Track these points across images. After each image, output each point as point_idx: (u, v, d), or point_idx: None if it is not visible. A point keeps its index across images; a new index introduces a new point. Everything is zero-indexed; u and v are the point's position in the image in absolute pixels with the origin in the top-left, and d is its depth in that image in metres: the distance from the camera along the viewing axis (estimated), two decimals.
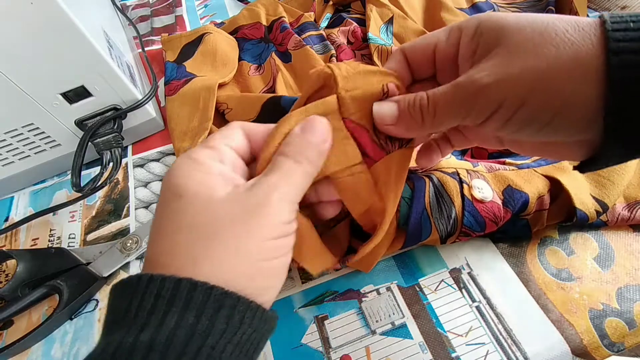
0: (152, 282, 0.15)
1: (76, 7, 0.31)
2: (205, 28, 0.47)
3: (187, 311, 0.15)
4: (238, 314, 0.16)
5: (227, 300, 0.16)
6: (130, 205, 0.37)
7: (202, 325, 0.15)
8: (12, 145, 0.35)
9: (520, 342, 0.25)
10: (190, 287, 0.15)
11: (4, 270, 0.34)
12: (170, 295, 0.15)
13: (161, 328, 0.14)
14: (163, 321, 0.15)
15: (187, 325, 0.15)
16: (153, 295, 0.15)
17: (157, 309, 0.15)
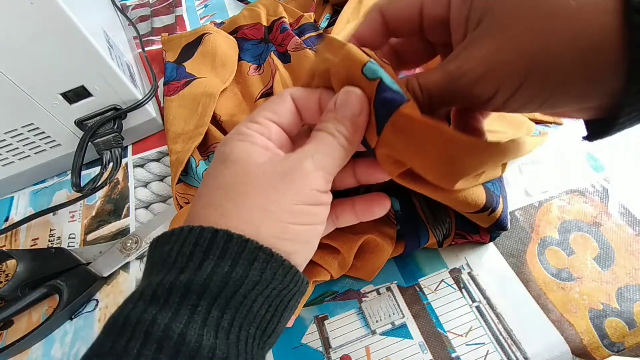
0: (192, 232, 0.16)
1: (76, 7, 0.31)
2: (205, 28, 0.47)
3: (222, 260, 0.16)
4: (270, 269, 0.17)
5: (261, 253, 0.16)
6: (130, 205, 0.37)
7: (236, 274, 0.16)
8: (12, 145, 0.35)
9: (520, 342, 0.25)
10: (227, 238, 0.16)
11: (4, 270, 0.34)
12: (208, 244, 0.16)
13: (199, 272, 0.15)
14: (200, 266, 0.16)
15: (222, 273, 0.16)
16: (192, 243, 0.16)
17: (195, 255, 0.16)
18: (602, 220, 0.30)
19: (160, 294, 0.15)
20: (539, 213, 0.31)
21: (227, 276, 0.16)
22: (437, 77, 0.17)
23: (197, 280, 0.15)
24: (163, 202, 0.37)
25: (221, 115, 0.39)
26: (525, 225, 0.31)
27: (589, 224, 0.30)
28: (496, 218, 0.26)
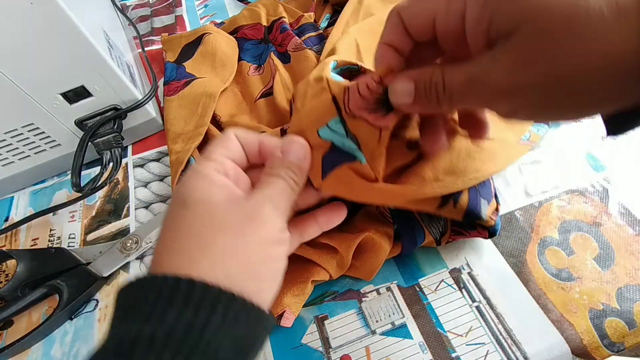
0: (154, 280, 0.17)
1: (76, 7, 0.31)
2: (205, 28, 0.47)
3: (186, 307, 0.16)
4: (233, 311, 0.17)
5: (222, 297, 0.16)
6: (130, 205, 0.37)
7: (199, 320, 0.16)
8: (12, 145, 0.35)
9: (520, 342, 0.25)
10: (189, 285, 0.16)
11: (4, 270, 0.34)
12: (170, 292, 0.16)
13: (162, 322, 0.15)
14: (164, 316, 0.16)
15: (185, 320, 0.16)
16: (155, 292, 0.16)
17: (158, 304, 0.16)
18: (602, 220, 0.30)
19: (126, 347, 0.15)
20: (539, 213, 0.31)
21: (190, 323, 0.16)
22: (460, 76, 0.17)
23: (161, 330, 0.15)
24: (163, 202, 0.37)
25: (221, 115, 0.39)
26: (525, 225, 0.31)
27: (589, 224, 0.30)
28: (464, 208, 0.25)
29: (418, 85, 0.19)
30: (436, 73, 0.18)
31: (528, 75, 0.14)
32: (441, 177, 0.24)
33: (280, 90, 0.40)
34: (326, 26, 0.48)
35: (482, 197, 0.26)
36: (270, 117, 0.39)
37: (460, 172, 0.24)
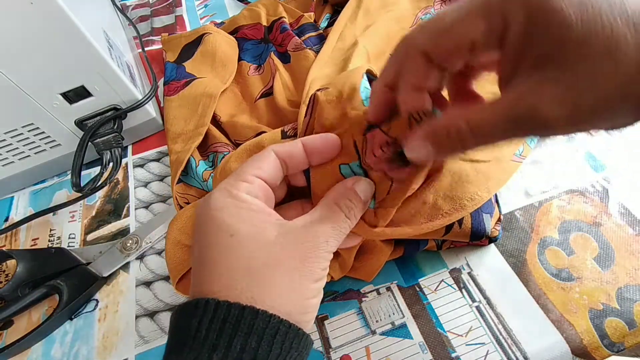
0: (219, 307, 0.17)
1: (76, 7, 0.31)
2: (205, 28, 0.47)
3: (250, 336, 0.17)
4: (288, 340, 0.18)
5: (282, 327, 0.18)
6: (130, 205, 0.37)
7: (262, 350, 0.17)
8: (12, 145, 0.35)
9: (520, 342, 0.25)
10: (252, 315, 0.17)
11: (4, 270, 0.34)
12: (235, 321, 0.17)
13: (229, 351, 0.16)
14: (230, 344, 0.17)
15: (250, 349, 0.17)
16: (220, 319, 0.17)
17: (224, 332, 0.17)
18: (602, 220, 0.30)
19: None
20: (539, 213, 0.31)
21: (254, 352, 0.17)
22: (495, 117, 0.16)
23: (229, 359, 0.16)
24: (163, 202, 0.37)
25: (221, 115, 0.39)
26: (525, 225, 0.31)
27: (589, 224, 0.30)
28: (469, 228, 0.27)
29: (436, 140, 0.18)
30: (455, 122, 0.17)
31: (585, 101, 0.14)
32: (440, 203, 0.24)
33: (281, 90, 0.40)
34: (326, 26, 0.48)
35: (484, 212, 0.27)
36: (270, 117, 0.39)
37: (457, 197, 0.25)
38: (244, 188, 0.20)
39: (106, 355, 0.28)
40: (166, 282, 0.32)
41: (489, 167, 0.27)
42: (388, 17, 0.43)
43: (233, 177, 0.21)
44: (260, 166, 0.21)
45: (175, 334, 0.18)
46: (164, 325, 0.29)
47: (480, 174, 0.26)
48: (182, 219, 0.31)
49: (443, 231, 0.26)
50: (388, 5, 0.45)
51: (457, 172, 0.25)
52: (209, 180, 0.33)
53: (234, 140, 0.38)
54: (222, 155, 0.35)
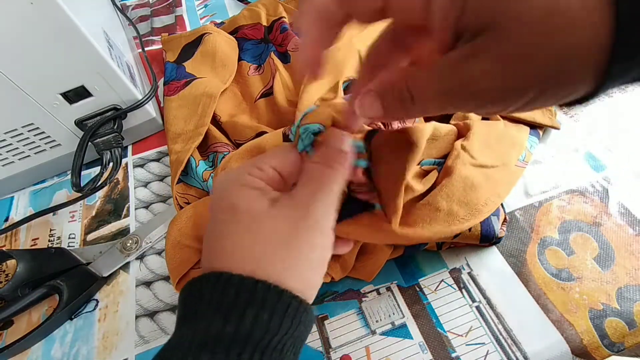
0: (232, 279, 0.17)
1: (76, 7, 0.31)
2: (205, 28, 0.47)
3: (262, 309, 0.17)
4: (298, 314, 0.18)
5: (293, 302, 0.18)
6: (130, 205, 0.37)
7: (274, 324, 0.17)
8: (12, 145, 0.35)
9: (520, 342, 0.25)
10: (265, 288, 0.17)
11: (4, 270, 0.34)
12: (249, 294, 0.17)
13: (242, 322, 0.17)
14: (243, 316, 0.17)
15: (262, 322, 0.17)
16: (233, 292, 0.17)
17: (238, 304, 0.17)
18: (602, 220, 0.30)
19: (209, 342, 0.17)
20: (539, 213, 0.31)
21: (266, 325, 0.17)
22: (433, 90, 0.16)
23: (241, 330, 0.17)
24: (163, 202, 0.37)
25: (221, 115, 0.39)
26: (525, 225, 0.31)
27: (589, 224, 0.30)
28: (479, 231, 0.27)
29: (384, 98, 0.18)
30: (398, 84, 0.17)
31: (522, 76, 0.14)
32: (455, 209, 0.25)
33: (281, 90, 0.40)
34: None
35: (492, 214, 0.27)
36: (270, 117, 0.39)
37: (472, 202, 0.25)
38: (255, 172, 0.21)
39: (106, 355, 0.28)
40: (166, 282, 0.32)
41: (497, 172, 0.27)
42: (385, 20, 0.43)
43: (250, 163, 0.21)
44: (276, 156, 0.22)
45: (187, 304, 0.19)
46: (164, 325, 0.29)
47: (490, 180, 0.26)
48: (182, 220, 0.31)
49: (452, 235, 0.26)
50: None
51: (468, 177, 0.26)
52: (209, 180, 0.33)
53: (234, 140, 0.38)
54: (222, 155, 0.35)
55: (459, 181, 0.25)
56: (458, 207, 0.25)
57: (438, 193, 0.25)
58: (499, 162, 0.28)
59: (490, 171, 0.27)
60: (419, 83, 0.16)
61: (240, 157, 0.30)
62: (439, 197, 0.25)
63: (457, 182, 0.25)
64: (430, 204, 0.25)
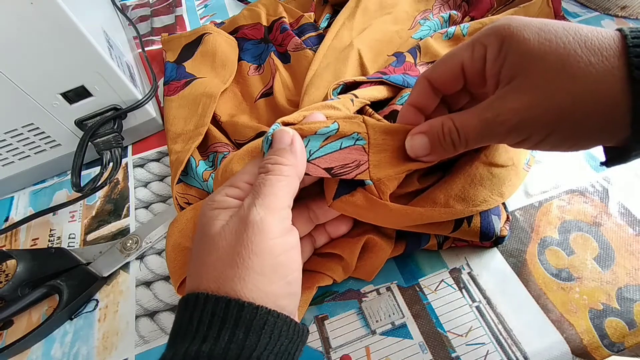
0: (208, 301, 0.18)
1: (76, 7, 0.31)
2: (205, 28, 0.47)
3: (237, 328, 0.17)
4: (277, 329, 0.18)
5: (269, 317, 0.18)
6: (130, 205, 0.37)
7: (250, 341, 0.17)
8: (12, 145, 0.35)
9: (520, 342, 0.25)
10: (239, 307, 0.18)
11: (4, 270, 0.34)
12: (223, 314, 0.18)
13: (217, 341, 0.17)
14: (219, 336, 0.17)
15: (238, 340, 0.17)
16: (209, 313, 0.18)
17: (213, 324, 0.18)
18: (602, 220, 0.30)
19: None
20: (539, 213, 0.31)
21: (242, 343, 0.17)
22: (474, 123, 0.20)
23: (217, 350, 0.17)
24: (163, 202, 0.37)
25: (221, 115, 0.39)
26: (525, 225, 0.31)
27: (589, 224, 0.30)
28: (478, 227, 0.27)
29: (432, 138, 0.22)
30: (446, 122, 0.21)
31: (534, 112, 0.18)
32: (452, 203, 0.25)
33: (281, 90, 0.40)
34: (326, 26, 0.48)
35: (493, 214, 0.27)
36: (270, 117, 0.39)
37: (470, 199, 0.26)
38: (230, 192, 0.22)
39: (106, 355, 0.28)
40: (166, 282, 0.32)
41: (505, 171, 0.27)
42: (385, 20, 0.43)
43: (227, 182, 0.22)
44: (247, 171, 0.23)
45: (173, 327, 0.19)
46: (164, 325, 0.29)
47: (495, 178, 0.27)
48: (182, 221, 0.31)
49: (452, 227, 0.26)
50: (386, 7, 0.45)
51: (472, 174, 0.26)
52: (209, 181, 0.33)
53: (234, 140, 0.38)
54: (222, 155, 0.35)
55: (460, 178, 0.26)
56: (455, 202, 0.25)
57: (436, 188, 0.26)
58: (510, 162, 0.28)
59: (498, 170, 0.27)
60: (464, 119, 0.20)
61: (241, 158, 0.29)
62: (437, 191, 0.25)
63: (458, 179, 0.26)
64: (427, 197, 0.25)
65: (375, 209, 0.24)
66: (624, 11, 0.44)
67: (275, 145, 0.22)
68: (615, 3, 0.44)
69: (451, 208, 0.25)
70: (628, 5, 0.43)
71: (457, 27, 0.39)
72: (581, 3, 0.47)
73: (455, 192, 0.25)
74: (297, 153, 0.22)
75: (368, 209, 0.24)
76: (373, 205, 0.23)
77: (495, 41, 0.19)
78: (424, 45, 0.38)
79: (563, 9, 0.42)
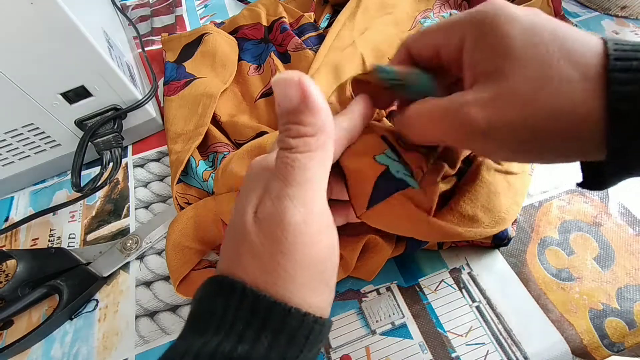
0: (247, 295, 0.16)
1: (76, 7, 0.31)
2: (205, 28, 0.47)
3: (280, 333, 0.15)
4: (320, 335, 0.17)
5: (315, 326, 0.16)
6: (130, 205, 0.37)
7: (292, 353, 0.16)
8: (12, 145, 0.35)
9: (520, 342, 0.25)
10: (284, 313, 0.16)
11: (4, 270, 0.34)
12: (264, 315, 0.15)
13: (256, 345, 0.15)
14: (258, 338, 0.15)
15: (279, 348, 0.15)
16: (249, 309, 0.16)
17: (252, 324, 0.15)
18: (602, 220, 0.30)
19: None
20: (539, 213, 0.31)
21: (283, 354, 0.15)
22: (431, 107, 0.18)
23: (254, 356, 0.15)
24: (163, 202, 0.37)
25: (221, 115, 0.39)
26: (525, 225, 0.31)
27: (589, 224, 0.30)
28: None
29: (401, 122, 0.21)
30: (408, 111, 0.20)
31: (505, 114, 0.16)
32: (479, 215, 0.24)
33: None
34: (326, 26, 0.48)
35: None
36: (270, 117, 0.39)
37: (495, 209, 0.25)
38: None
39: (106, 355, 0.28)
40: (166, 282, 0.32)
41: (517, 179, 0.27)
42: (386, 21, 0.43)
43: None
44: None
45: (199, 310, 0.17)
46: (164, 325, 0.29)
47: (511, 187, 0.26)
48: (183, 221, 0.31)
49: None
50: (387, 7, 0.45)
51: (493, 183, 0.25)
52: (209, 181, 0.33)
53: (234, 140, 0.38)
54: (222, 155, 0.35)
55: (483, 187, 0.25)
56: (482, 214, 0.24)
57: (461, 199, 0.25)
58: (520, 170, 0.27)
59: (512, 178, 0.27)
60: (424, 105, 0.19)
61: (240, 158, 0.30)
62: (462, 202, 0.24)
63: (481, 187, 0.25)
64: (453, 210, 0.24)
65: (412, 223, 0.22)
66: (624, 11, 0.44)
67: (282, 103, 0.16)
68: (615, 3, 0.44)
69: (488, 227, 0.24)
70: (628, 5, 0.43)
71: None
72: (581, 3, 0.47)
73: (482, 202, 0.25)
74: (318, 110, 0.16)
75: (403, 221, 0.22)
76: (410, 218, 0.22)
77: (474, 31, 0.17)
78: None
79: (563, 8, 0.42)
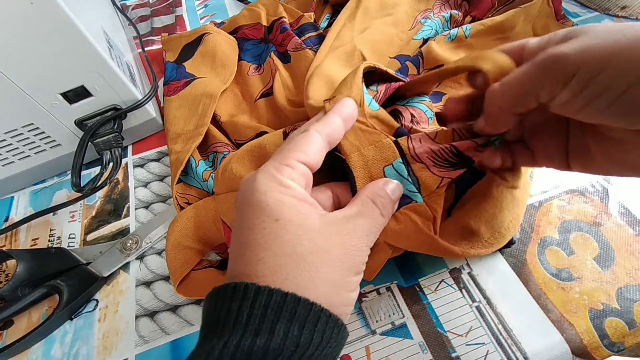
0: (260, 292, 0.17)
1: (76, 7, 0.31)
2: (205, 28, 0.47)
3: (292, 323, 0.17)
4: (329, 330, 0.18)
5: (322, 316, 0.18)
6: (130, 205, 0.37)
7: (304, 338, 0.17)
8: (12, 145, 0.35)
9: (520, 342, 0.25)
10: (294, 302, 0.17)
11: (4, 270, 0.34)
12: (277, 307, 0.17)
13: (273, 336, 0.17)
14: (274, 330, 0.17)
15: (293, 336, 0.17)
16: (262, 305, 0.17)
17: (267, 318, 0.17)
18: (602, 220, 0.30)
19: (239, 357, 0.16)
20: (539, 213, 0.31)
21: (297, 340, 0.17)
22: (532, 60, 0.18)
23: (273, 345, 0.16)
24: (163, 202, 0.37)
25: (221, 115, 0.39)
26: (525, 225, 0.31)
27: (589, 224, 0.30)
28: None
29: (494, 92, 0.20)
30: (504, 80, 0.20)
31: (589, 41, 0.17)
32: (482, 230, 0.25)
33: (281, 90, 0.40)
34: (326, 26, 0.48)
35: None
36: (270, 117, 0.39)
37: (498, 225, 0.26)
38: (288, 173, 0.20)
39: (106, 355, 0.28)
40: (166, 282, 0.32)
41: (519, 193, 0.27)
42: (386, 21, 0.43)
43: (277, 159, 0.20)
44: (304, 150, 0.21)
45: (213, 316, 0.18)
46: (164, 325, 0.29)
47: (515, 200, 0.27)
48: (183, 221, 0.31)
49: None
50: (387, 8, 0.45)
51: (499, 199, 0.26)
52: (209, 181, 0.33)
53: (234, 140, 0.38)
54: (222, 155, 0.35)
55: (489, 203, 0.26)
56: (484, 228, 0.25)
57: (467, 212, 0.26)
58: (523, 183, 0.28)
59: (516, 192, 0.27)
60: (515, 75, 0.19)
61: (240, 157, 0.30)
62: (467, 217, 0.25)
63: (488, 204, 0.26)
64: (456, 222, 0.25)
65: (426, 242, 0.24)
66: (624, 11, 0.44)
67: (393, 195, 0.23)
68: (615, 3, 0.44)
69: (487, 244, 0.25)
70: (628, 5, 0.43)
71: (459, 29, 0.39)
72: (581, 3, 0.47)
73: (486, 217, 0.26)
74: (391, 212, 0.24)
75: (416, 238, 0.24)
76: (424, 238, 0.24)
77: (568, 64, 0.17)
78: (427, 51, 0.38)
79: (563, 8, 0.42)
